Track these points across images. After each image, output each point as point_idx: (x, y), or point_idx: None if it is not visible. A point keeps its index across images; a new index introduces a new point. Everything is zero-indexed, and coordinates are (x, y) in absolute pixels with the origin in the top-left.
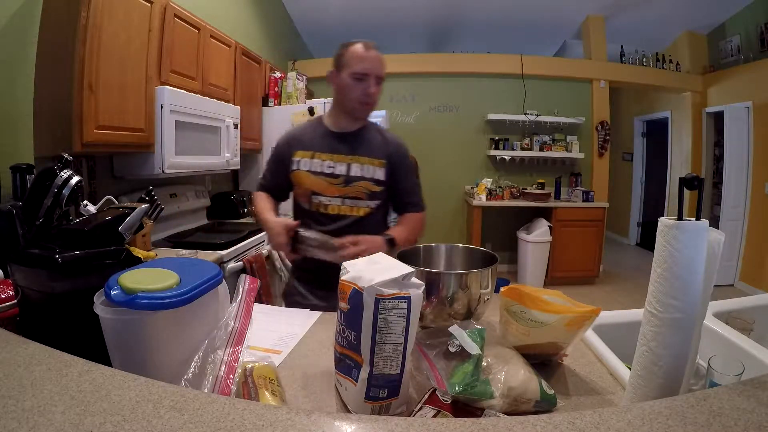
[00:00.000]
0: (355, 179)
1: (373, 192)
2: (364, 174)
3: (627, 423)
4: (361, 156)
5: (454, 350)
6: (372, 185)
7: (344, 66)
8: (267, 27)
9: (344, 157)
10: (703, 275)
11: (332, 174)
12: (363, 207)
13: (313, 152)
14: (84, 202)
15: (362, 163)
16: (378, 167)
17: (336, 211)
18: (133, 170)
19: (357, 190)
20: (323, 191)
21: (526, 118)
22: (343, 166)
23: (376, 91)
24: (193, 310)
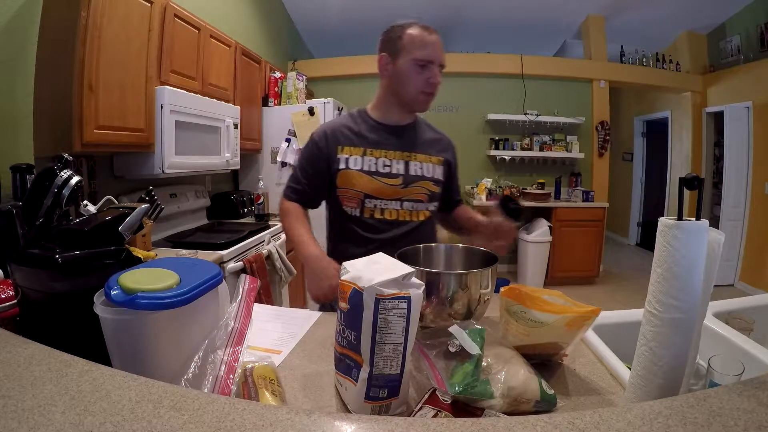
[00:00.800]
0: (415, 179)
1: (433, 193)
2: (424, 173)
3: (627, 423)
4: (419, 153)
5: (454, 350)
6: (432, 185)
7: (402, 51)
8: (267, 27)
9: (401, 153)
10: (703, 275)
11: (389, 174)
12: (423, 210)
13: (364, 148)
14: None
15: (421, 160)
16: (437, 165)
17: (394, 216)
18: (133, 170)
19: (417, 192)
20: (379, 194)
21: (526, 118)
22: (401, 165)
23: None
24: (193, 310)
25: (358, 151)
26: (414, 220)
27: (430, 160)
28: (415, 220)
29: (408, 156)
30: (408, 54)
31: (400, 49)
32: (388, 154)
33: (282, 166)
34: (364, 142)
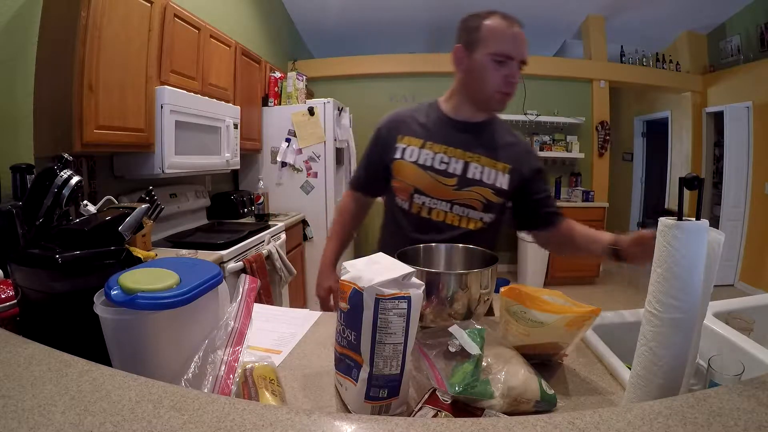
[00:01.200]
0: (471, 182)
1: (489, 202)
2: (483, 178)
3: (627, 423)
4: (484, 156)
5: (454, 350)
6: (491, 194)
7: (479, 44)
8: (267, 27)
9: (462, 152)
10: (703, 275)
11: (444, 171)
12: (474, 219)
13: (424, 140)
14: (84, 202)
15: (483, 164)
16: (501, 172)
17: (441, 218)
18: (133, 170)
19: (471, 197)
20: (430, 191)
21: (526, 118)
22: (459, 164)
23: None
24: (193, 310)
25: (417, 143)
26: (462, 226)
27: (495, 166)
28: (463, 227)
29: (470, 157)
30: (485, 48)
31: (477, 41)
32: (448, 151)
33: (282, 166)
34: (426, 134)
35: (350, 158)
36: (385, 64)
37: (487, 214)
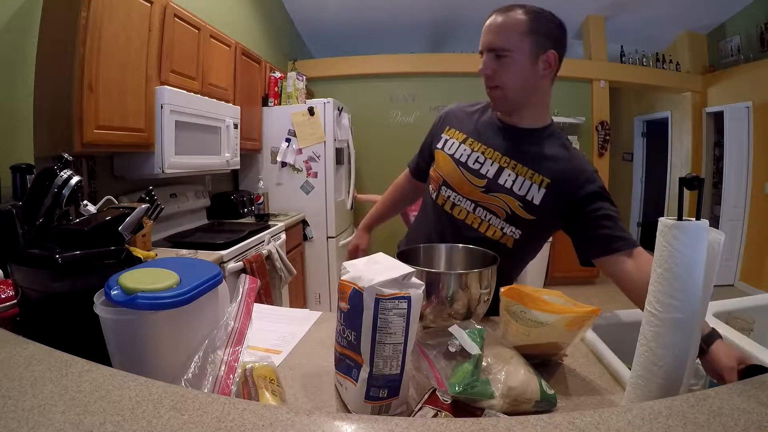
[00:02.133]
0: (499, 188)
1: (514, 214)
2: (513, 187)
3: (627, 423)
4: (521, 164)
5: (454, 350)
6: (517, 205)
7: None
8: (267, 27)
9: (500, 156)
10: (703, 275)
11: (477, 171)
12: (495, 227)
13: (467, 136)
14: (84, 202)
15: (518, 172)
16: (536, 185)
17: (462, 216)
18: (133, 170)
19: (495, 203)
20: (457, 186)
21: None
22: (493, 168)
23: (492, 68)
24: (193, 310)
25: (460, 137)
26: (481, 231)
27: (531, 177)
28: (482, 231)
29: (506, 162)
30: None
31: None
32: (486, 152)
33: (282, 166)
34: (471, 131)
35: (350, 158)
36: (385, 64)
37: (510, 227)
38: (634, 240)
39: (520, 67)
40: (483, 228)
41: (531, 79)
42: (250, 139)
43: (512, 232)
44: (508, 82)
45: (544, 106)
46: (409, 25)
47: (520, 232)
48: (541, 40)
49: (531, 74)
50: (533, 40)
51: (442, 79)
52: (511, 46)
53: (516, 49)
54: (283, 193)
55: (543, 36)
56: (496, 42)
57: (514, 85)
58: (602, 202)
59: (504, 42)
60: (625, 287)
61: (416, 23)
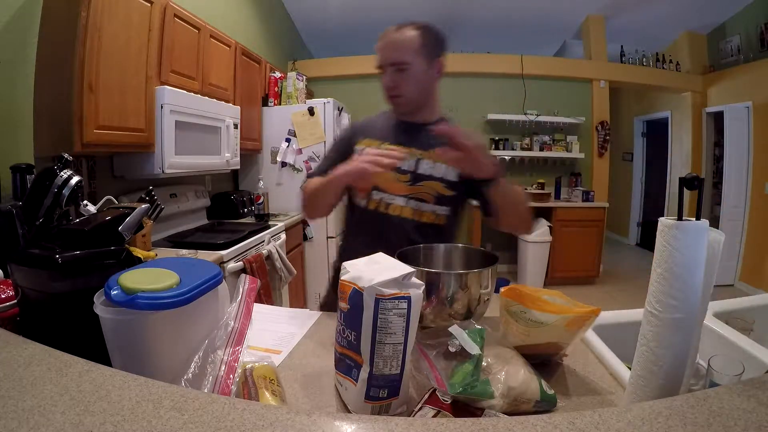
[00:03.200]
0: (422, 177)
1: (441, 195)
2: (434, 173)
3: (627, 423)
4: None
5: (454, 350)
6: (442, 187)
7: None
8: (267, 27)
9: (414, 150)
10: (703, 275)
11: (399, 168)
12: (428, 212)
13: (380, 142)
14: (84, 202)
15: (434, 159)
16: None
17: (398, 212)
18: (133, 170)
19: (423, 191)
20: (386, 187)
21: (526, 118)
22: (412, 162)
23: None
24: (193, 310)
25: (375, 143)
26: (416, 219)
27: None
28: (417, 219)
29: (421, 154)
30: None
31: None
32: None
33: (282, 166)
34: (382, 137)
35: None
36: None
37: (441, 207)
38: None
39: (418, 76)
40: (418, 216)
41: (427, 84)
42: (250, 139)
43: (443, 211)
44: (409, 90)
45: (437, 102)
46: None
47: (448, 208)
48: (431, 50)
49: (427, 80)
50: (426, 51)
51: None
52: (409, 59)
53: (413, 61)
54: (283, 193)
55: (432, 46)
56: (396, 57)
57: (414, 92)
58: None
59: (403, 57)
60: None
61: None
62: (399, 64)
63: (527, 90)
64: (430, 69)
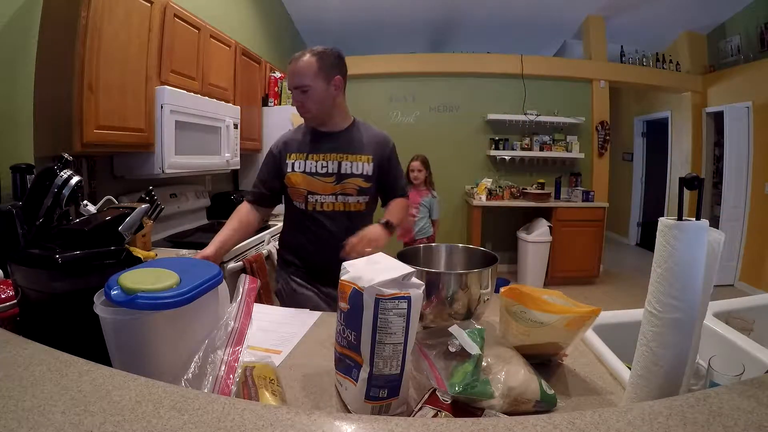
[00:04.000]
0: (345, 176)
1: (362, 188)
2: (353, 171)
3: (627, 423)
4: (351, 153)
5: (454, 350)
6: (361, 181)
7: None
8: (267, 27)
9: (334, 155)
10: (703, 275)
11: (325, 173)
12: (353, 203)
13: (306, 153)
14: (84, 202)
15: (352, 160)
16: (365, 163)
17: (330, 208)
18: (133, 170)
19: (347, 187)
20: (318, 190)
21: (526, 118)
22: (334, 165)
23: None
24: (193, 310)
25: (302, 156)
26: (346, 210)
27: (360, 159)
28: (347, 210)
29: (341, 157)
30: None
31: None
32: (324, 157)
33: None
34: (306, 149)
35: None
36: (385, 64)
37: (363, 197)
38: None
39: (319, 95)
40: (348, 207)
41: (328, 100)
42: (250, 139)
43: (363, 200)
44: (314, 108)
45: (345, 111)
46: (409, 25)
47: (367, 197)
48: (328, 72)
49: (327, 97)
50: (324, 74)
51: (442, 79)
52: (309, 82)
53: (313, 84)
54: None
55: (328, 68)
56: (299, 82)
57: (318, 109)
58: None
59: (303, 81)
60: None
61: (416, 23)
62: (301, 87)
63: (527, 90)
64: (329, 87)
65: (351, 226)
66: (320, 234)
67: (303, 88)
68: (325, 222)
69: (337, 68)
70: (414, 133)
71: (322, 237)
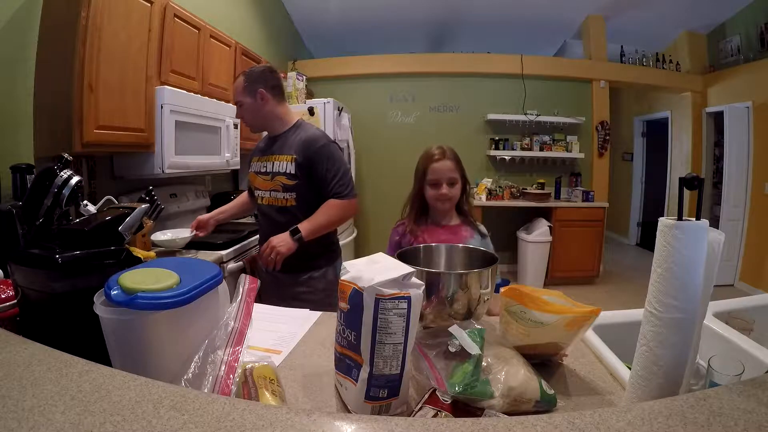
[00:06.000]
0: (274, 174)
1: (286, 185)
2: (279, 169)
3: (627, 423)
4: (279, 154)
5: (454, 350)
6: (285, 178)
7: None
8: (267, 27)
9: (269, 156)
10: (703, 275)
11: (264, 172)
12: (281, 198)
13: (258, 156)
14: (84, 202)
15: (279, 160)
16: (288, 162)
17: (266, 202)
18: (133, 170)
19: (275, 184)
20: (259, 186)
21: (526, 118)
22: (268, 164)
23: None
24: (193, 310)
25: (255, 159)
26: (277, 204)
27: (285, 159)
28: (275, 204)
29: (273, 158)
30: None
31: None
32: (263, 158)
33: None
34: (257, 152)
35: (350, 158)
36: (385, 64)
37: (289, 193)
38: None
39: (249, 108)
40: (275, 202)
41: (258, 111)
42: (250, 139)
43: (290, 196)
44: (249, 119)
45: (281, 116)
46: (409, 25)
47: (295, 193)
48: (252, 87)
49: (257, 109)
50: (249, 90)
51: (442, 79)
52: (241, 99)
53: (243, 99)
54: None
55: (252, 83)
56: (234, 99)
57: (252, 119)
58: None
59: (236, 98)
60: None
61: (416, 23)
62: (237, 104)
63: (527, 90)
64: (255, 100)
65: (279, 219)
66: (261, 223)
67: (238, 104)
68: (266, 212)
69: (261, 82)
70: (414, 133)
71: (262, 225)
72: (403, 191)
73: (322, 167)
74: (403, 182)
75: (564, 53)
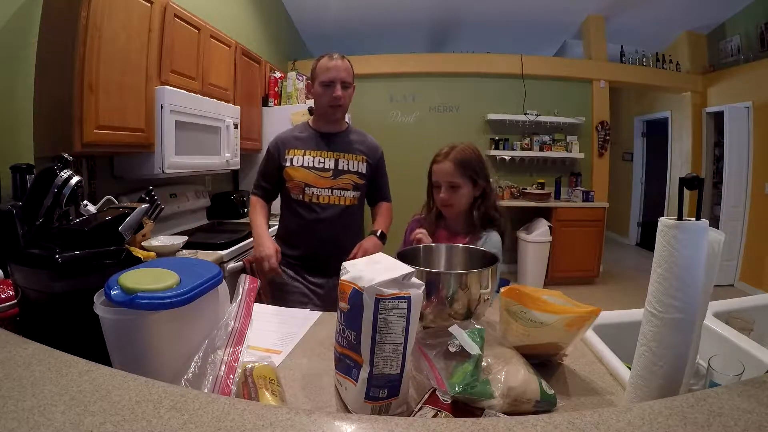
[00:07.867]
0: (342, 172)
1: (356, 184)
2: (349, 168)
3: (627, 423)
4: (343, 152)
5: (454, 350)
6: (357, 177)
7: (315, 78)
8: (267, 27)
9: (332, 153)
10: (703, 275)
11: (322, 168)
12: (349, 197)
13: (304, 150)
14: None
15: (348, 159)
16: (360, 162)
17: (326, 200)
18: (133, 170)
19: (344, 182)
20: (315, 183)
21: (526, 118)
22: (331, 161)
23: (342, 94)
24: (193, 310)
25: (300, 152)
26: (340, 204)
27: (356, 158)
28: (341, 204)
29: (337, 155)
30: (317, 78)
31: (314, 76)
32: (322, 154)
33: None
34: (304, 146)
35: None
36: (385, 64)
37: (356, 192)
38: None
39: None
40: (341, 201)
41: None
42: (250, 139)
43: (356, 195)
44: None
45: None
46: (409, 25)
47: (360, 192)
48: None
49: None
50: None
51: (442, 79)
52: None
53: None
54: None
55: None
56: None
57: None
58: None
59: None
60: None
61: (416, 23)
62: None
63: (527, 90)
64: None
65: (342, 217)
66: (313, 223)
67: (347, 84)
68: (320, 213)
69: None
70: (414, 134)
71: (314, 226)
72: (403, 191)
73: (383, 172)
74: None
75: (564, 53)
